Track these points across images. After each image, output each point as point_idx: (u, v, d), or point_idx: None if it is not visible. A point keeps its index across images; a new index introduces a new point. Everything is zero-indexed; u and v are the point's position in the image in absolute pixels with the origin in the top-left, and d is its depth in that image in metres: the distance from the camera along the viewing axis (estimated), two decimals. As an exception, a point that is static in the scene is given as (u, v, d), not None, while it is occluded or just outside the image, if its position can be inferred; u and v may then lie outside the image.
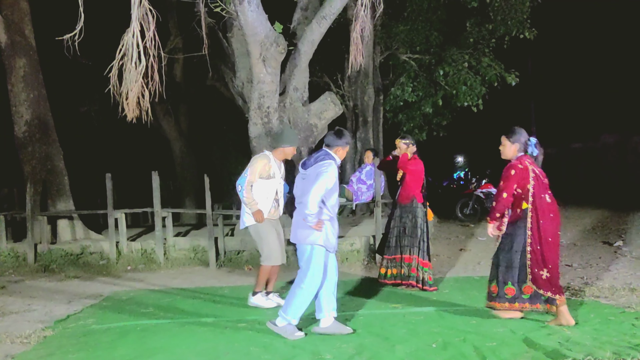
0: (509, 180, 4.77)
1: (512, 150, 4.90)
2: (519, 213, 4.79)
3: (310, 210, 4.47)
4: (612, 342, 4.13)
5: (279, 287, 6.48)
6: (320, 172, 4.55)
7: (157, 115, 13.51)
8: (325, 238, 4.61)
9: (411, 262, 6.28)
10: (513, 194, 4.77)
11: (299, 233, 4.67)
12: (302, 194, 4.64)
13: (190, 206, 14.35)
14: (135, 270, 8.29)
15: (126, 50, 5.46)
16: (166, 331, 4.94)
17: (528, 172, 4.75)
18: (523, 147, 4.88)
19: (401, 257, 6.36)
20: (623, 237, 9.48)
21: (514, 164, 4.80)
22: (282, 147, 5.76)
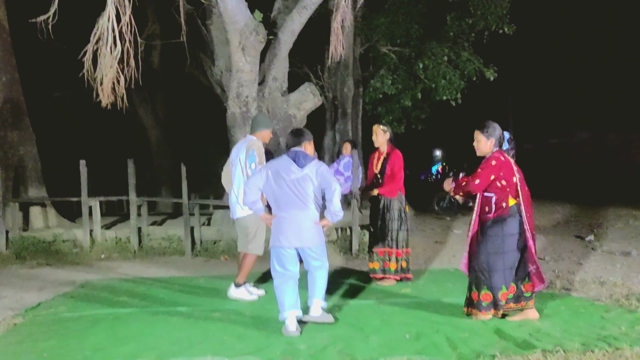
0: (487, 170, 4.52)
1: (488, 145, 4.65)
2: (504, 207, 4.51)
3: (339, 209, 4.50)
4: (581, 334, 4.21)
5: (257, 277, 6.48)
6: (325, 174, 4.51)
7: (133, 103, 13.30)
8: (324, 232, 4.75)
9: (401, 256, 6.18)
10: (490, 184, 4.54)
11: (309, 235, 4.53)
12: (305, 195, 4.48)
13: (166, 195, 14.21)
14: (109, 259, 8.19)
15: (101, 35, 5.35)
16: (139, 320, 4.89)
17: (511, 165, 4.56)
18: (498, 141, 4.65)
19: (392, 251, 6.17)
20: (595, 231, 9.68)
21: (495, 156, 4.57)
22: (259, 131, 5.74)
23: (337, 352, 3.96)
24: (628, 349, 3.78)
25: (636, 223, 10.29)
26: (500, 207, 4.51)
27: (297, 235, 4.50)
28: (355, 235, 8.18)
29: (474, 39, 13.36)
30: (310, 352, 3.96)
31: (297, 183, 4.48)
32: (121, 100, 5.71)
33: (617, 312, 4.79)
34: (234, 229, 8.46)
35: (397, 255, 6.20)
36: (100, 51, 5.45)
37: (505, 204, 4.51)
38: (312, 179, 4.49)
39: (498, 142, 4.66)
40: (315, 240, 4.57)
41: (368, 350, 3.99)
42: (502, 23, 12.69)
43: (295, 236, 4.50)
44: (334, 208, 4.47)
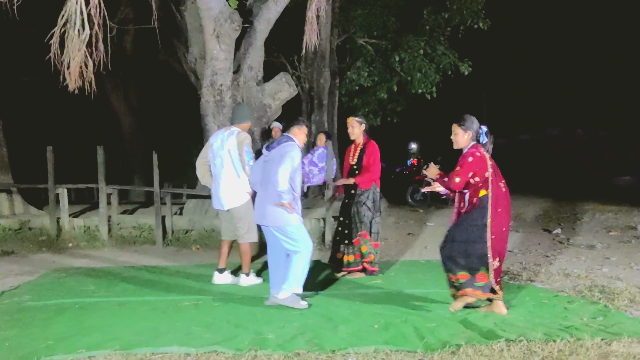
0: (465, 167, 4.59)
1: (465, 138, 4.73)
2: (475, 202, 4.60)
3: (282, 187, 4.66)
4: (544, 324, 4.30)
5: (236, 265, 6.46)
6: (285, 152, 4.77)
7: (105, 89, 13.06)
8: (298, 214, 4.85)
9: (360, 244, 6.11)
10: (467, 181, 4.61)
11: (271, 215, 4.81)
12: (268, 176, 4.83)
13: (139, 184, 14.01)
14: (77, 248, 8.05)
15: (69, 17, 5.20)
16: (105, 309, 4.82)
17: (486, 161, 4.62)
18: (475, 135, 4.72)
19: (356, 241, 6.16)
20: (562, 225, 9.88)
21: (471, 152, 4.64)
22: (242, 123, 5.77)
23: (306, 342, 3.96)
24: (589, 339, 3.86)
25: (602, 217, 10.53)
26: (472, 201, 4.64)
27: (261, 213, 4.91)
28: (328, 226, 8.19)
29: (450, 34, 13.45)
30: (279, 342, 3.95)
31: (266, 165, 4.91)
32: (89, 85, 5.58)
33: (580, 304, 4.90)
34: (207, 218, 8.44)
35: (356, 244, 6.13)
36: (67, 34, 5.30)
37: (475, 198, 4.61)
38: (277, 160, 4.77)
39: (475, 135, 4.74)
40: (277, 221, 4.80)
41: (337, 340, 4.00)
42: (477, 18, 12.79)
43: (260, 213, 4.92)
44: (278, 188, 4.67)
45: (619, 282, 5.70)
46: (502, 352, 3.68)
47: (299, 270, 4.83)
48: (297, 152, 4.83)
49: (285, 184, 4.68)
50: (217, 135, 5.85)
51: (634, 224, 9.53)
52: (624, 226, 9.48)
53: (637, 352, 3.65)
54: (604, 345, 3.78)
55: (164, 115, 17.63)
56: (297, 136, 5.00)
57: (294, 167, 4.77)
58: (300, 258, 4.83)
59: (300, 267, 4.83)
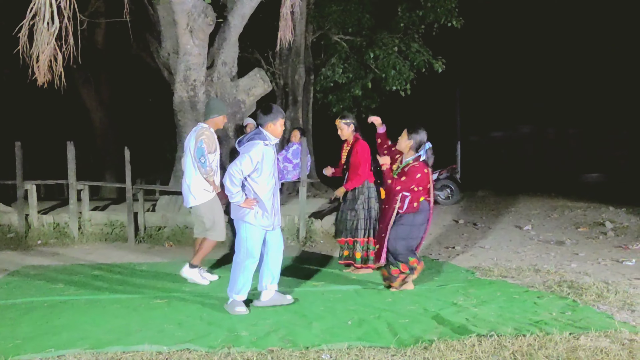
0: (410, 181, 5.22)
1: (406, 144, 5.32)
2: (416, 206, 5.29)
3: (227, 186, 4.49)
4: (515, 319, 4.38)
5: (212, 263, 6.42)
6: (244, 152, 4.51)
7: (75, 83, 12.78)
8: (255, 216, 4.55)
9: (369, 244, 6.08)
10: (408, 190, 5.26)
11: (234, 209, 4.66)
12: None
13: (111, 180, 13.76)
14: (46, 245, 7.89)
15: (38, 10, 5.08)
16: (75, 308, 4.74)
17: (429, 177, 5.32)
18: (416, 145, 5.30)
19: (355, 240, 6.13)
20: (532, 221, 10.05)
21: (420, 169, 5.24)
22: (212, 117, 5.66)
23: (279, 339, 3.96)
24: (557, 334, 3.95)
25: (571, 214, 10.75)
26: (412, 205, 5.29)
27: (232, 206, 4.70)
28: (302, 223, 8.19)
29: (424, 31, 13.55)
30: (252, 339, 3.94)
31: None
32: (59, 79, 5.45)
33: (549, 299, 5.00)
34: (180, 215, 8.35)
35: (362, 244, 6.12)
36: (36, 27, 5.17)
37: (416, 203, 5.31)
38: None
39: (416, 146, 5.32)
40: (234, 213, 4.66)
41: (310, 337, 4.00)
42: (450, 16, 12.91)
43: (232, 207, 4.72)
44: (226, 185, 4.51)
45: (587, 278, 5.83)
46: (474, 347, 3.73)
47: (235, 277, 4.62)
48: (256, 153, 4.46)
49: (233, 186, 4.43)
50: (191, 131, 5.82)
51: (601, 220, 9.76)
52: (592, 222, 9.69)
53: (604, 346, 3.74)
54: (572, 340, 3.86)
55: (136, 110, 17.35)
56: (271, 131, 4.61)
57: (246, 170, 4.45)
58: (238, 262, 4.63)
59: (237, 274, 4.61)
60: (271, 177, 4.63)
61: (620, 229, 9.01)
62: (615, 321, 4.28)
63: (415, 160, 5.30)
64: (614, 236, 8.47)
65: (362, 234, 6.11)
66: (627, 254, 7.14)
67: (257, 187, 4.55)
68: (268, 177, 4.59)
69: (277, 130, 4.64)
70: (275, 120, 4.62)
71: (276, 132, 4.64)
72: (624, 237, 8.36)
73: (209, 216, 5.63)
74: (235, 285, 4.63)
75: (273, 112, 4.63)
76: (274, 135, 4.63)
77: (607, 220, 9.60)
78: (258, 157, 4.48)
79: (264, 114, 4.64)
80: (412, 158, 5.33)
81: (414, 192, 5.28)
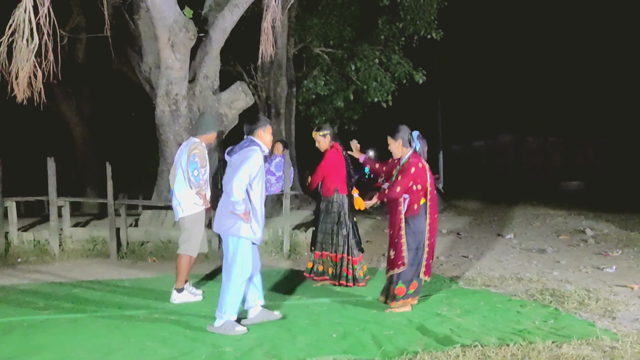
0: (407, 177, 4.88)
1: (398, 146, 5.06)
2: (416, 209, 4.92)
3: (235, 197, 4.33)
4: (498, 329, 4.41)
5: (199, 278, 6.37)
6: (245, 158, 4.42)
7: (56, 98, 12.67)
8: (251, 229, 4.49)
9: (338, 261, 6.02)
10: (407, 189, 4.90)
11: (224, 223, 4.52)
12: (227, 182, 4.49)
13: (92, 195, 13.62)
14: (26, 263, 7.75)
15: (17, 26, 5.04)
16: (56, 327, 4.66)
17: (426, 172, 4.95)
18: (407, 142, 5.03)
19: (328, 255, 6.07)
20: (514, 230, 10.17)
21: (414, 162, 4.92)
22: (206, 134, 5.65)
23: (264, 354, 3.94)
24: (541, 343, 3.99)
25: (552, 222, 10.90)
26: (412, 207, 4.92)
27: (218, 220, 4.62)
28: (286, 236, 8.17)
29: (404, 43, 13.73)
30: (237, 355, 3.92)
31: (228, 172, 4.57)
32: (39, 95, 5.40)
33: (532, 307, 5.05)
34: (163, 230, 8.29)
35: (333, 260, 6.04)
36: (15, 44, 5.13)
37: (417, 205, 4.93)
38: (237, 166, 4.46)
39: (407, 141, 5.04)
40: (225, 229, 4.53)
41: (295, 351, 3.99)
42: (430, 28, 13.12)
43: (217, 220, 4.63)
44: (231, 197, 4.37)
45: (568, 285, 5.90)
46: (458, 358, 3.76)
47: (232, 296, 4.46)
48: (256, 158, 4.43)
49: (239, 193, 4.32)
50: (181, 145, 5.81)
51: (582, 228, 9.90)
52: (573, 230, 9.83)
53: (586, 354, 3.78)
54: (554, 348, 3.91)
55: (118, 124, 17.24)
56: (261, 139, 4.59)
57: (252, 176, 4.42)
58: (232, 280, 4.47)
59: (234, 293, 4.47)
60: (263, 185, 4.62)
61: (600, 236, 9.15)
62: (596, 329, 4.33)
63: (411, 157, 5.00)
64: (595, 243, 8.60)
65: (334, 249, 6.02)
66: (607, 261, 7.25)
67: (253, 195, 4.49)
68: (262, 185, 4.59)
69: (267, 138, 4.65)
70: (265, 127, 4.64)
71: (266, 140, 4.64)
72: (604, 244, 8.48)
73: (188, 228, 5.58)
74: (230, 305, 4.44)
75: (261, 120, 4.69)
76: (264, 144, 4.63)
77: (587, 228, 9.75)
78: (260, 162, 4.49)
79: (252, 123, 4.64)
80: (407, 155, 5.03)
81: (412, 192, 4.90)
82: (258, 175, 4.49)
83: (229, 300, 4.45)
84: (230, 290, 4.47)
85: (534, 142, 25.74)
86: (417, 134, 5.07)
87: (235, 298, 4.48)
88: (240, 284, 4.50)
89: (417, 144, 5.04)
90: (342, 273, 6.02)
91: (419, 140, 5.06)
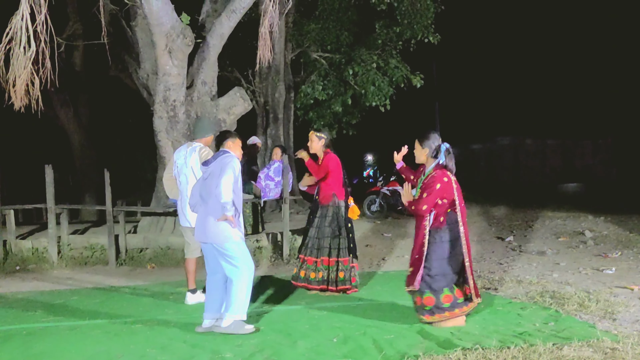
0: (433, 194, 4.56)
1: (423, 154, 4.79)
2: (441, 221, 4.61)
3: (225, 198, 4.42)
4: (499, 331, 4.40)
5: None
6: (225, 164, 4.55)
7: (53, 105, 12.67)
8: (239, 231, 4.60)
9: (332, 265, 5.86)
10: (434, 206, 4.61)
11: (211, 232, 4.56)
12: (209, 191, 4.59)
13: (91, 202, 13.59)
14: (25, 271, 7.73)
15: (14, 34, 5.05)
16: (55, 335, 4.64)
17: (452, 185, 4.63)
18: (434, 152, 4.72)
19: (314, 260, 5.92)
20: (514, 232, 10.17)
21: (439, 177, 4.60)
22: (205, 136, 5.68)
23: (265, 359, 3.93)
24: (541, 345, 3.98)
25: (551, 224, 10.90)
26: (438, 220, 4.62)
27: (202, 230, 4.66)
28: (285, 241, 8.16)
29: (402, 47, 13.76)
30: (237, 361, 3.90)
31: (206, 182, 4.69)
32: (36, 102, 5.40)
33: (532, 309, 5.05)
34: (162, 236, 8.27)
35: (325, 264, 5.88)
36: (12, 51, 5.14)
37: (442, 217, 4.61)
38: (218, 173, 4.57)
39: (434, 152, 4.72)
40: (218, 237, 4.55)
41: (296, 356, 3.98)
42: (427, 32, 13.15)
43: (201, 231, 4.67)
44: (221, 199, 4.45)
45: (568, 287, 5.89)
46: (459, 361, 3.74)
47: (242, 295, 4.51)
48: (236, 163, 4.62)
49: (228, 194, 4.44)
50: (179, 151, 5.77)
51: (581, 229, 9.90)
52: (572, 232, 9.83)
53: (587, 356, 3.77)
54: (555, 350, 3.89)
55: (116, 131, 17.24)
56: (233, 150, 4.81)
57: (235, 178, 4.56)
58: (241, 281, 4.51)
59: (243, 292, 4.52)
60: (241, 189, 4.76)
61: (599, 237, 9.15)
62: (597, 330, 4.33)
63: (436, 168, 4.70)
64: (594, 245, 8.60)
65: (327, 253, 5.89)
66: (607, 262, 7.25)
67: (237, 199, 4.60)
68: (241, 189, 4.74)
69: (237, 150, 4.86)
70: (234, 139, 4.87)
71: (237, 151, 4.84)
72: (604, 246, 8.48)
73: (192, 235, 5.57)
74: (241, 304, 4.50)
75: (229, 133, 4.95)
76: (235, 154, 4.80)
77: (586, 229, 9.75)
78: (238, 167, 4.66)
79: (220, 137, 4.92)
80: (432, 166, 4.73)
81: (438, 206, 4.62)
82: (239, 180, 4.67)
83: (239, 300, 4.50)
84: (239, 290, 4.52)
85: (532, 145, 25.78)
86: (445, 147, 4.68)
87: (245, 297, 4.55)
88: (248, 282, 4.57)
89: (442, 157, 4.66)
90: (337, 277, 5.83)
91: (446, 154, 4.67)
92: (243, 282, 4.55)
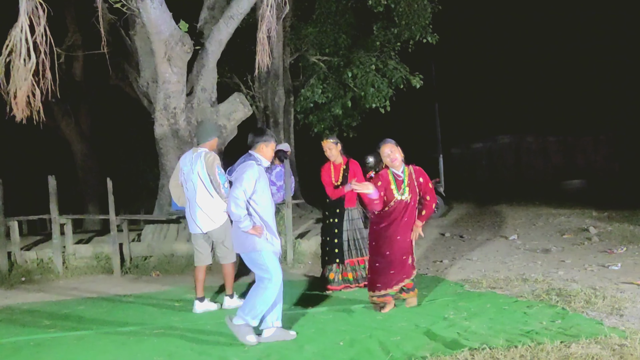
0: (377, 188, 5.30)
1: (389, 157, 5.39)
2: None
3: (234, 216, 4.35)
4: (506, 330, 4.39)
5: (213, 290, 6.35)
6: (238, 176, 4.43)
7: (54, 116, 12.71)
8: (267, 240, 4.44)
9: (364, 263, 6.18)
10: None
11: (239, 242, 4.52)
12: None
13: (94, 211, 13.62)
14: (30, 282, 7.73)
15: (14, 46, 5.07)
16: (62, 345, 4.64)
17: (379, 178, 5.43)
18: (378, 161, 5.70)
19: (359, 260, 6.28)
20: (517, 231, 10.15)
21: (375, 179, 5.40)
22: (210, 140, 5.68)
23: (272, 365, 3.93)
24: (549, 343, 3.97)
25: (555, 221, 10.88)
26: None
27: (236, 240, 4.63)
28: (289, 245, 8.16)
29: (400, 48, 13.77)
30: (244, 367, 3.90)
31: None
32: (37, 114, 5.42)
33: (539, 308, 5.03)
34: (166, 243, 8.27)
35: (362, 263, 6.25)
36: (13, 63, 5.16)
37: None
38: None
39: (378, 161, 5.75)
40: (242, 247, 4.51)
41: (302, 360, 3.98)
42: (425, 33, 13.16)
43: (236, 241, 4.64)
44: (232, 217, 4.42)
45: (574, 284, 5.88)
46: (467, 361, 3.74)
47: (259, 303, 4.36)
48: (253, 173, 4.40)
49: (237, 210, 4.31)
50: (185, 157, 5.76)
51: (585, 226, 9.88)
52: (577, 229, 9.81)
53: (595, 353, 3.76)
54: (563, 348, 3.88)
55: (117, 140, 17.27)
56: (263, 153, 4.60)
57: (248, 191, 4.36)
58: (267, 289, 4.37)
59: (263, 300, 4.36)
60: (270, 197, 4.59)
61: (604, 233, 9.12)
62: (604, 327, 4.31)
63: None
64: (599, 241, 8.57)
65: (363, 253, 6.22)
66: (612, 258, 7.23)
67: (260, 209, 4.46)
68: (268, 197, 4.56)
69: (268, 153, 4.64)
70: (268, 142, 4.63)
71: (267, 155, 4.63)
72: (608, 242, 8.46)
73: (228, 238, 5.51)
74: (255, 311, 4.36)
75: (266, 134, 4.67)
76: (265, 158, 4.62)
77: (590, 226, 9.72)
78: (255, 175, 4.43)
79: (256, 135, 4.64)
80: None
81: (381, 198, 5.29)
82: (259, 189, 4.44)
83: (256, 305, 4.36)
84: (261, 297, 4.37)
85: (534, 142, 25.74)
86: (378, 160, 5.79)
87: (263, 306, 4.37)
88: (273, 294, 4.40)
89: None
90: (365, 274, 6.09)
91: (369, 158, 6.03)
92: (269, 292, 4.39)
